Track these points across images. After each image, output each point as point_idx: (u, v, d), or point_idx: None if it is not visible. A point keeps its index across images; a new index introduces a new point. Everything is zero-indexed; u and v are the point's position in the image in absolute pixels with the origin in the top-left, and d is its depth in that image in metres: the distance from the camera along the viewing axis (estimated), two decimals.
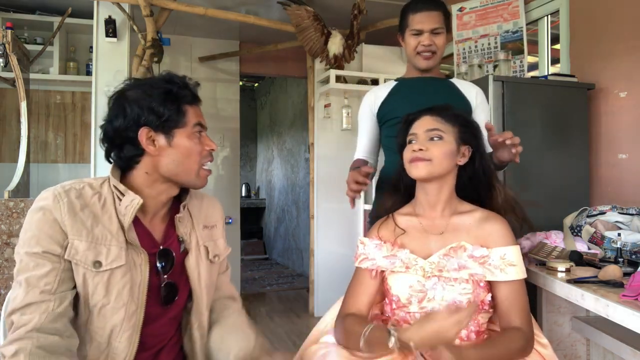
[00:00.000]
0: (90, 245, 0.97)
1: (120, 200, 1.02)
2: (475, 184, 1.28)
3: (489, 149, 1.51)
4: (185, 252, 1.12)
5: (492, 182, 1.28)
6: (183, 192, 1.16)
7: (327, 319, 1.38)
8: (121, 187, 1.03)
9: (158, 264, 1.06)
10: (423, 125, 1.24)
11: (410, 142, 1.25)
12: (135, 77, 1.13)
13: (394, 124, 1.68)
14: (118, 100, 1.06)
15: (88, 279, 0.96)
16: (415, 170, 1.21)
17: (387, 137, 1.80)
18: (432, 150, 1.19)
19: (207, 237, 1.17)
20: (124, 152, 1.05)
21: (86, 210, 0.99)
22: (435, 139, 1.21)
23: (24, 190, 2.70)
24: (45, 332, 0.91)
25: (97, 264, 0.96)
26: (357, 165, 1.76)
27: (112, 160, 1.08)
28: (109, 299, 0.97)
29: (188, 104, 1.07)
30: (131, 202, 1.01)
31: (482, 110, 1.80)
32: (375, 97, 1.81)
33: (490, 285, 1.18)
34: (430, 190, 1.24)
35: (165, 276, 1.07)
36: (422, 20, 1.68)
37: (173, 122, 1.04)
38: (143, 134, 1.02)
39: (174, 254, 1.10)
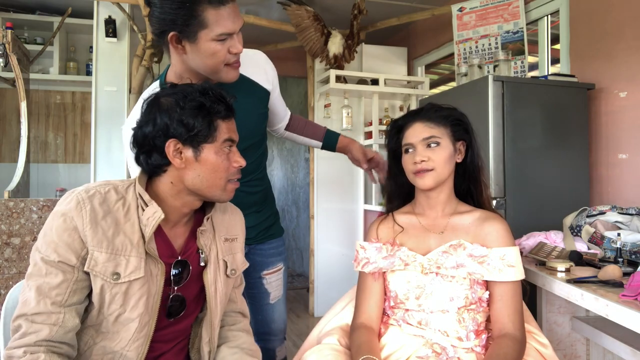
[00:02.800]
0: (110, 256, 0.95)
1: (144, 210, 1.00)
2: (467, 178, 1.29)
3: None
4: (204, 265, 1.09)
5: (480, 177, 1.29)
6: (207, 202, 1.13)
7: (328, 319, 1.38)
8: (146, 196, 1.01)
9: (173, 273, 1.04)
10: (417, 134, 1.23)
11: (407, 151, 1.25)
12: (172, 82, 1.07)
13: None
14: (151, 106, 1.02)
15: (106, 289, 0.95)
16: (422, 182, 1.21)
17: None
18: (433, 159, 1.20)
19: (227, 250, 1.14)
20: (151, 159, 1.02)
21: (108, 218, 0.97)
22: (433, 145, 1.21)
23: (24, 190, 2.70)
24: (56, 341, 0.92)
25: (116, 275, 0.95)
26: None
27: (140, 164, 1.05)
28: (125, 309, 0.96)
29: (221, 119, 1.03)
30: (153, 215, 0.99)
31: (276, 86, 1.50)
32: None
33: (487, 284, 1.19)
34: (431, 194, 1.25)
35: (176, 288, 1.05)
36: (231, 16, 1.19)
37: (202, 137, 1.01)
38: (170, 145, 0.99)
39: (190, 266, 1.07)
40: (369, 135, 3.73)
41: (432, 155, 1.20)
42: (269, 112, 1.54)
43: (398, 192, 1.34)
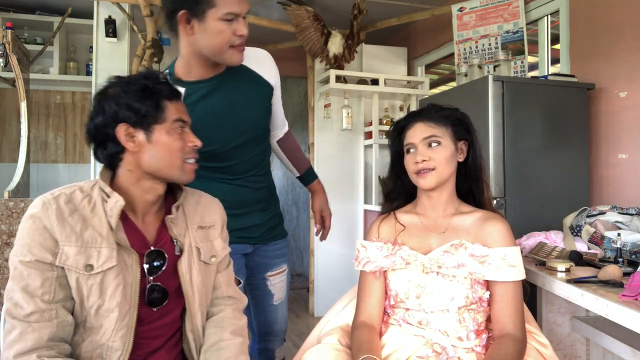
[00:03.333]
0: (81, 249, 0.97)
1: (107, 202, 1.03)
2: (469, 178, 1.29)
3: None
4: (181, 254, 1.11)
5: (481, 177, 1.29)
6: (178, 191, 1.16)
7: (328, 319, 1.38)
8: (107, 189, 1.04)
9: (145, 265, 1.06)
10: (418, 134, 1.24)
11: (408, 151, 1.26)
12: (117, 75, 1.12)
13: (210, 156, 1.36)
14: (99, 99, 1.06)
15: (82, 282, 0.97)
16: (424, 182, 1.22)
17: (204, 169, 1.33)
18: (434, 158, 1.20)
19: (202, 238, 1.16)
20: (106, 149, 1.05)
21: (75, 215, 0.99)
22: (434, 145, 1.22)
23: (24, 190, 2.70)
24: (58, 340, 0.95)
25: (89, 267, 0.97)
26: None
27: (99, 158, 1.08)
28: (103, 300, 0.98)
29: (167, 99, 1.06)
30: (115, 204, 1.02)
31: (278, 86, 1.53)
32: None
33: (488, 284, 1.19)
34: (433, 194, 1.26)
35: (152, 278, 1.06)
36: (237, 0, 1.26)
37: (151, 118, 1.03)
38: (121, 130, 1.02)
39: (166, 255, 1.09)
40: (369, 135, 3.73)
41: (433, 155, 1.21)
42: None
43: (400, 192, 1.35)
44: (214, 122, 1.37)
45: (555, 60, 2.72)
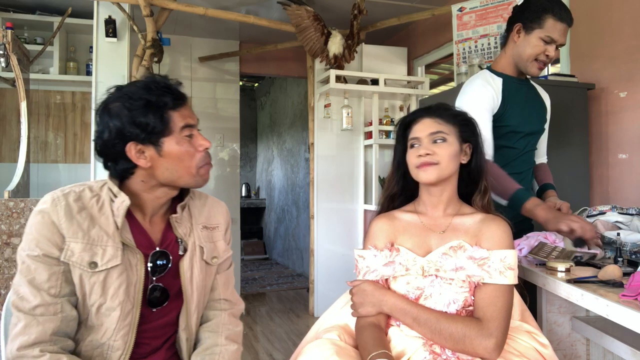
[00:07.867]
0: (86, 246, 0.98)
1: (114, 202, 1.03)
2: (471, 181, 1.29)
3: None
4: (184, 253, 1.11)
5: (483, 180, 1.28)
6: (184, 191, 1.16)
7: (326, 319, 1.38)
8: (115, 189, 1.04)
9: (149, 265, 1.06)
10: (425, 129, 1.23)
11: (412, 146, 1.25)
12: (117, 85, 1.09)
13: (504, 133, 1.67)
14: (102, 114, 1.04)
15: (84, 279, 0.98)
16: (425, 175, 1.21)
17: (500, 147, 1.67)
18: (438, 153, 1.20)
19: (206, 238, 1.16)
20: (118, 165, 1.05)
21: (83, 213, 1.00)
22: (439, 141, 1.21)
23: (24, 190, 2.70)
24: (61, 335, 0.96)
25: (93, 264, 0.98)
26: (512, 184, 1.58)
27: (108, 168, 1.08)
28: (105, 298, 0.99)
29: (172, 110, 1.04)
30: (122, 204, 1.02)
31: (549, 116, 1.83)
32: (494, 94, 1.64)
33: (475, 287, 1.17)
34: (434, 192, 1.25)
35: (155, 278, 1.07)
36: (562, 32, 1.60)
37: (159, 132, 1.02)
38: (131, 149, 1.01)
39: (170, 256, 1.09)
40: (369, 135, 3.73)
41: (437, 150, 1.20)
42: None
43: (404, 192, 1.34)
44: (514, 105, 1.67)
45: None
